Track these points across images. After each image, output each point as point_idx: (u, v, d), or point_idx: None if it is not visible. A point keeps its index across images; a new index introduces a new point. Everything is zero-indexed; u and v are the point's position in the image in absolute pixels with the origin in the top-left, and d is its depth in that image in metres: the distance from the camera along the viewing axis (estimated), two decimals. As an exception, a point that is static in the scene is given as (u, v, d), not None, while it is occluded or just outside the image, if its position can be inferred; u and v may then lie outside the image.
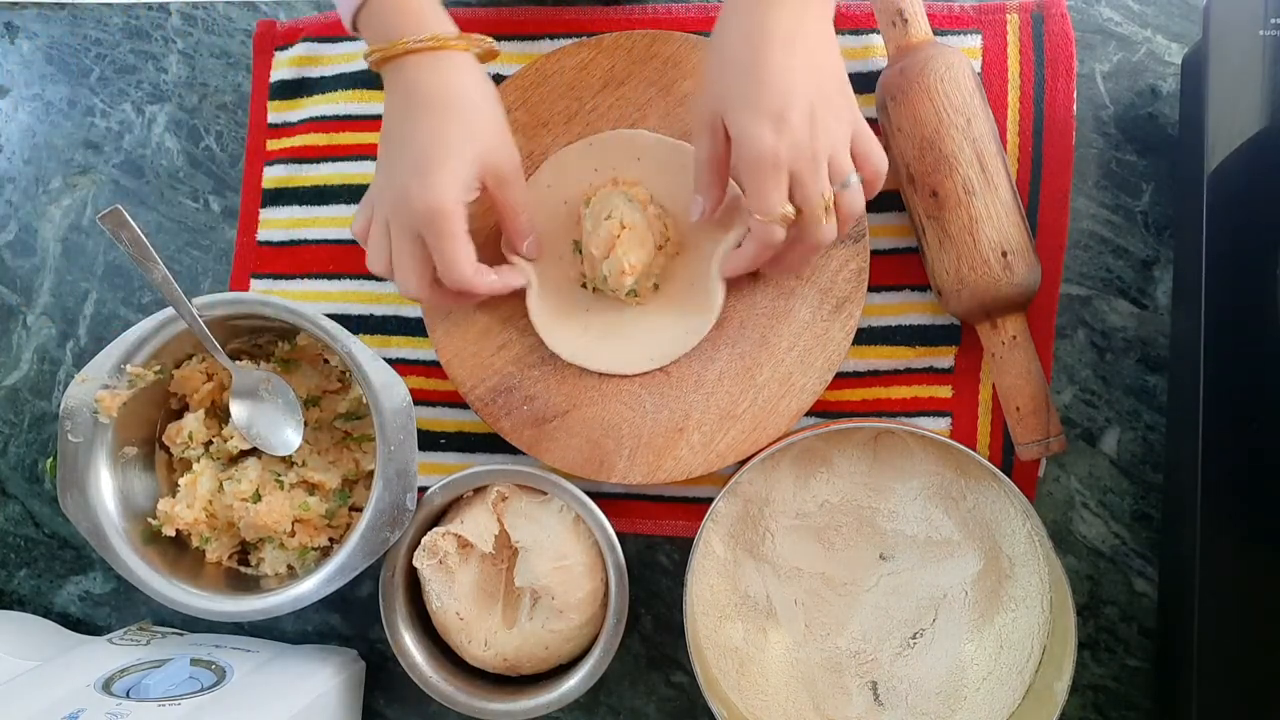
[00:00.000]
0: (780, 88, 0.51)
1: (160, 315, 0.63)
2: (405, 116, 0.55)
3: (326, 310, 0.68)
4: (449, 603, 0.62)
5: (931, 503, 0.62)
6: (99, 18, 0.77)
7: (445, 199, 0.54)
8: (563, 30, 0.70)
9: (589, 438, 0.64)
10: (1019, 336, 0.61)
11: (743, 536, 0.63)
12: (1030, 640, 0.60)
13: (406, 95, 0.56)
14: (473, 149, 0.55)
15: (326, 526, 0.66)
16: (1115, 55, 0.66)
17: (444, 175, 0.54)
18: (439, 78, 0.55)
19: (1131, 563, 0.63)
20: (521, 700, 0.61)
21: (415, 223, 0.54)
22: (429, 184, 0.53)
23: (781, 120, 0.51)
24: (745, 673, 0.62)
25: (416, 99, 0.55)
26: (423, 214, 0.54)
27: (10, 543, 0.74)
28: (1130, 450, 0.64)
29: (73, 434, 0.62)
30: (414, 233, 0.55)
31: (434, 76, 0.55)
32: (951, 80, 0.59)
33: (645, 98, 0.65)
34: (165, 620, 0.71)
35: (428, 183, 0.53)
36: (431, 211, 0.54)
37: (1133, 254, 0.65)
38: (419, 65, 0.55)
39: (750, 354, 0.63)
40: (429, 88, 0.55)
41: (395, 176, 0.55)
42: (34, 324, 0.75)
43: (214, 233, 0.74)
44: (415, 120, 0.55)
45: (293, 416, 0.65)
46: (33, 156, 0.77)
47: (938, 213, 0.60)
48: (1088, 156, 0.65)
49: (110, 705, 0.55)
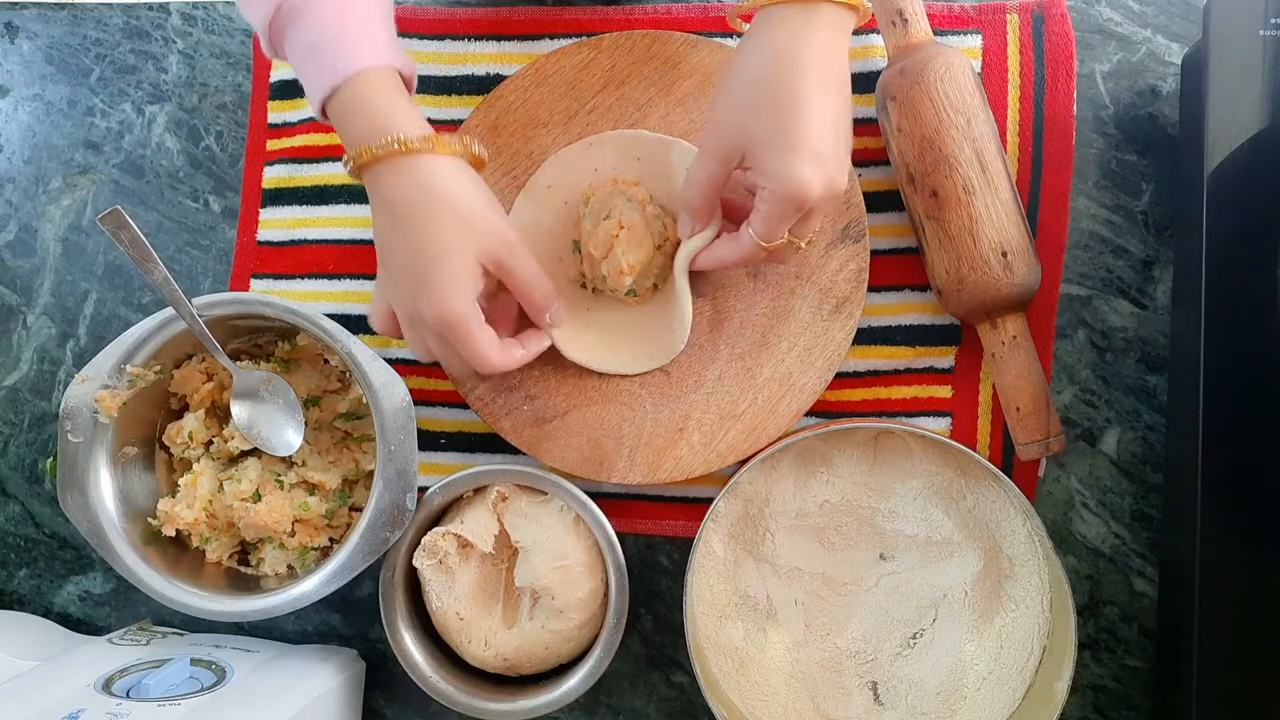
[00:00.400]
0: (818, 126, 0.50)
1: (160, 315, 0.63)
2: (392, 226, 0.54)
3: (326, 310, 0.68)
4: (449, 603, 0.62)
5: (931, 503, 0.62)
6: (99, 18, 0.77)
7: (451, 307, 0.53)
8: (563, 30, 0.70)
9: (589, 438, 0.64)
10: (1019, 336, 0.61)
11: (743, 536, 0.63)
12: (1030, 640, 0.60)
13: (387, 205, 0.54)
14: (468, 247, 0.53)
15: (326, 526, 0.66)
16: (1115, 55, 0.66)
17: (445, 283, 0.53)
18: (414, 182, 0.53)
19: (1131, 563, 0.63)
20: (521, 700, 0.61)
21: (433, 329, 0.54)
22: (434, 295, 0.53)
23: (819, 160, 0.50)
24: (745, 673, 0.62)
25: (398, 208, 0.53)
26: (436, 324, 0.54)
27: (10, 543, 0.74)
28: (1130, 450, 0.64)
29: (73, 434, 0.62)
30: (436, 335, 0.55)
31: (410, 181, 0.53)
32: (951, 80, 0.59)
33: (645, 98, 0.65)
34: (165, 620, 0.71)
35: (432, 293, 0.53)
36: (443, 321, 0.53)
37: (1133, 254, 0.65)
38: (392, 171, 0.53)
39: (750, 354, 0.63)
40: (405, 195, 0.53)
41: (401, 285, 0.54)
42: (34, 324, 0.75)
43: (214, 233, 0.74)
44: (402, 229, 0.53)
45: (293, 417, 0.65)
46: (33, 156, 0.77)
47: (938, 213, 0.60)
48: (1088, 156, 0.65)
49: (110, 705, 0.55)
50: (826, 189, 0.51)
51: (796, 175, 0.50)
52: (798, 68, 0.50)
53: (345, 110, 0.53)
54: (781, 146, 0.50)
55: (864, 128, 0.66)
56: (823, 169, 0.50)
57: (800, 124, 0.50)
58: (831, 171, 0.51)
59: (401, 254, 0.54)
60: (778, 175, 0.51)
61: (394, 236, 0.54)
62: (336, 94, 0.53)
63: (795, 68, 0.50)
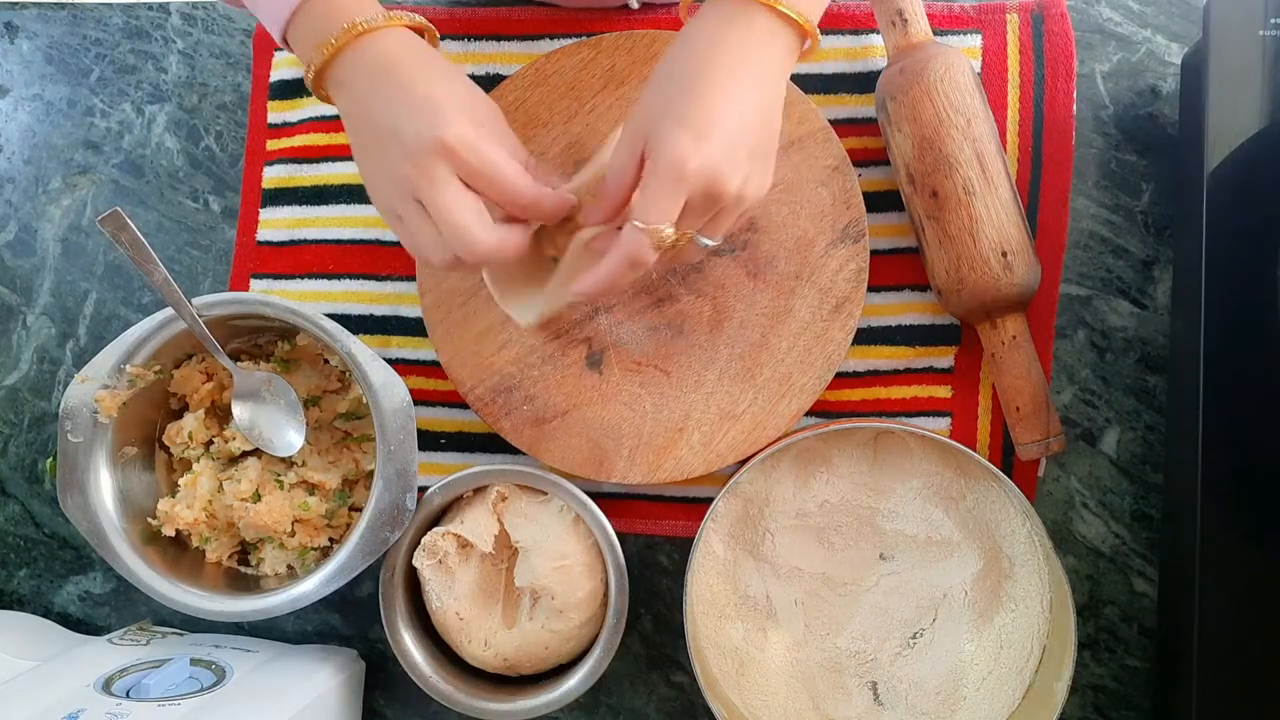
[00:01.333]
0: (711, 107, 0.47)
1: (160, 315, 0.63)
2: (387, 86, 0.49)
3: (326, 310, 0.68)
4: (449, 603, 0.62)
5: (931, 503, 0.62)
6: (99, 18, 0.77)
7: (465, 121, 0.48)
8: (563, 30, 0.70)
9: (589, 438, 0.64)
10: (1019, 336, 0.61)
11: (743, 536, 0.63)
12: (1030, 640, 0.60)
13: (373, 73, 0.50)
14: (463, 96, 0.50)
15: (326, 526, 0.66)
16: (1115, 55, 0.66)
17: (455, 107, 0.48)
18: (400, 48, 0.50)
19: (1131, 563, 0.64)
20: (521, 700, 0.61)
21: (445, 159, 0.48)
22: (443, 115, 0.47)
23: (702, 138, 0.47)
24: (745, 673, 0.62)
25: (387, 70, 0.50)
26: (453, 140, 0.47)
27: (10, 543, 0.74)
28: (1130, 450, 0.64)
29: (73, 434, 0.62)
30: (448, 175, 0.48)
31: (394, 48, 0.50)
32: (951, 80, 0.59)
33: (645, 98, 0.65)
34: (165, 620, 0.71)
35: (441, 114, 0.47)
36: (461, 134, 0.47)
37: (1133, 254, 0.65)
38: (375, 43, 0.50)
39: (750, 354, 0.63)
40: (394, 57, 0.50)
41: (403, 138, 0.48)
42: (34, 324, 0.75)
43: (214, 233, 0.74)
44: (394, 85, 0.49)
45: (295, 417, 0.65)
46: (33, 156, 0.77)
47: (938, 213, 0.60)
48: (1088, 156, 0.65)
49: (110, 705, 0.55)
50: (704, 170, 0.47)
51: (673, 147, 0.47)
52: (712, 52, 0.48)
53: (310, 18, 0.51)
54: (668, 120, 0.48)
55: (864, 128, 0.66)
56: (705, 147, 0.47)
57: (692, 100, 0.48)
58: (716, 154, 0.47)
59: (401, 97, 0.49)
60: (656, 147, 0.48)
61: (393, 89, 0.49)
62: (302, 8, 0.51)
63: (710, 52, 0.48)
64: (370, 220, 0.71)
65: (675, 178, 0.47)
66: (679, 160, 0.47)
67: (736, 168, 0.48)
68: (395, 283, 0.70)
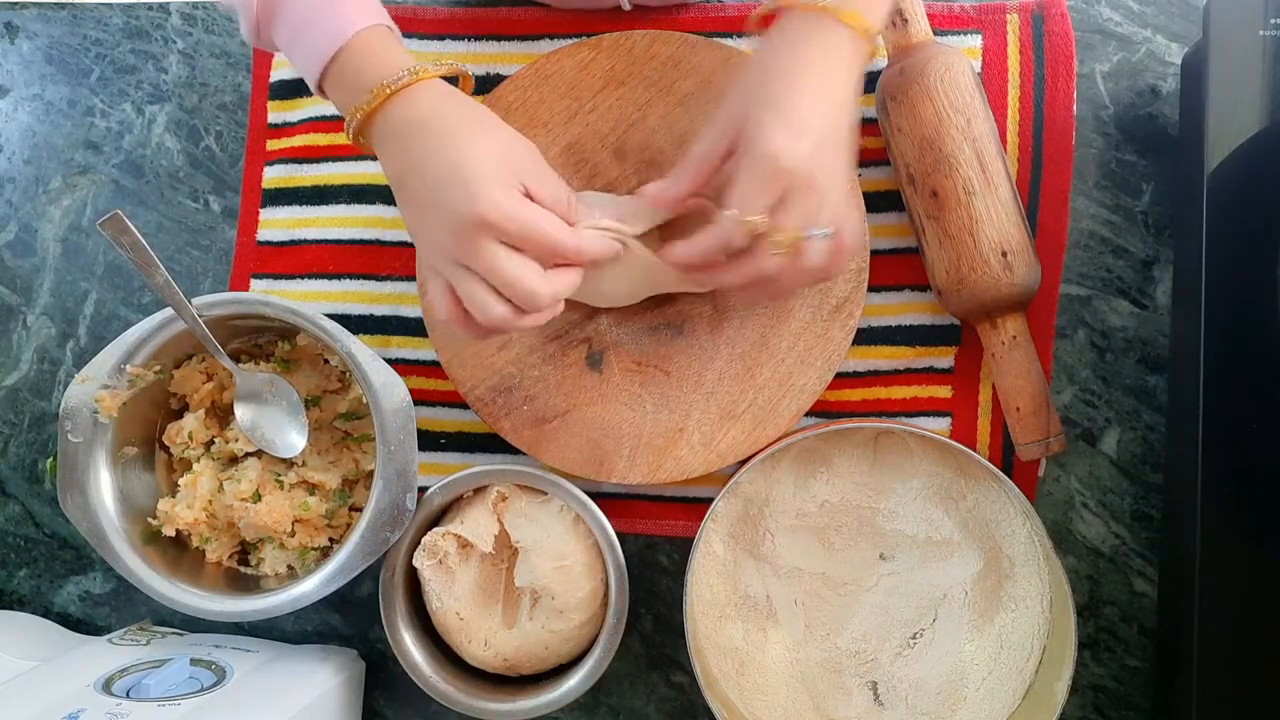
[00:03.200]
0: (806, 113, 0.50)
1: (160, 315, 0.63)
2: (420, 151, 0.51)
3: (326, 310, 0.68)
4: (449, 603, 0.62)
5: (931, 503, 0.62)
6: (99, 18, 0.77)
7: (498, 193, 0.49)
8: (563, 30, 0.70)
9: (589, 438, 0.64)
10: (1019, 336, 0.61)
11: (743, 536, 0.63)
12: (1030, 640, 0.60)
13: (405, 136, 0.51)
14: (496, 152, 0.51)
15: (326, 526, 0.66)
16: (1115, 55, 0.66)
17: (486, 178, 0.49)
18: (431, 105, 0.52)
19: (1131, 563, 0.63)
20: (521, 700, 0.61)
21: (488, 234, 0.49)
22: (477, 191, 0.49)
23: (798, 132, 0.50)
24: (745, 673, 0.62)
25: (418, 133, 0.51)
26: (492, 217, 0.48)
27: (10, 543, 0.74)
28: (1130, 450, 0.64)
29: (73, 434, 0.62)
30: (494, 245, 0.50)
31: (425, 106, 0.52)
32: (951, 80, 0.59)
33: (645, 98, 0.65)
34: (165, 620, 0.71)
35: (474, 191, 0.49)
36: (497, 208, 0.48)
37: (1133, 254, 0.65)
38: (407, 102, 0.51)
39: (750, 354, 0.63)
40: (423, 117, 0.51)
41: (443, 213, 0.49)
42: (34, 324, 0.75)
43: (214, 233, 0.74)
44: (426, 150, 0.50)
45: (297, 418, 0.65)
46: (33, 156, 0.77)
47: (938, 213, 0.60)
48: (1088, 156, 0.65)
49: (110, 705, 0.55)
50: (798, 162, 0.49)
51: (770, 137, 0.50)
52: (804, 71, 0.51)
53: (345, 72, 0.52)
54: (764, 112, 0.50)
55: (864, 128, 0.66)
56: (799, 142, 0.50)
57: (787, 94, 0.50)
58: (809, 149, 0.50)
59: (433, 169, 0.50)
60: (753, 138, 0.50)
61: (423, 158, 0.50)
62: (336, 60, 0.52)
63: (803, 71, 0.51)
64: (370, 220, 0.71)
65: (771, 171, 0.50)
66: (774, 152, 0.49)
67: (823, 162, 0.51)
68: (395, 283, 0.70)
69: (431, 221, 0.51)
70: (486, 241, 0.49)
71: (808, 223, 0.51)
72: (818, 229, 0.52)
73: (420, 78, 0.52)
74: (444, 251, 0.51)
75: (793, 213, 0.51)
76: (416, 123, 0.51)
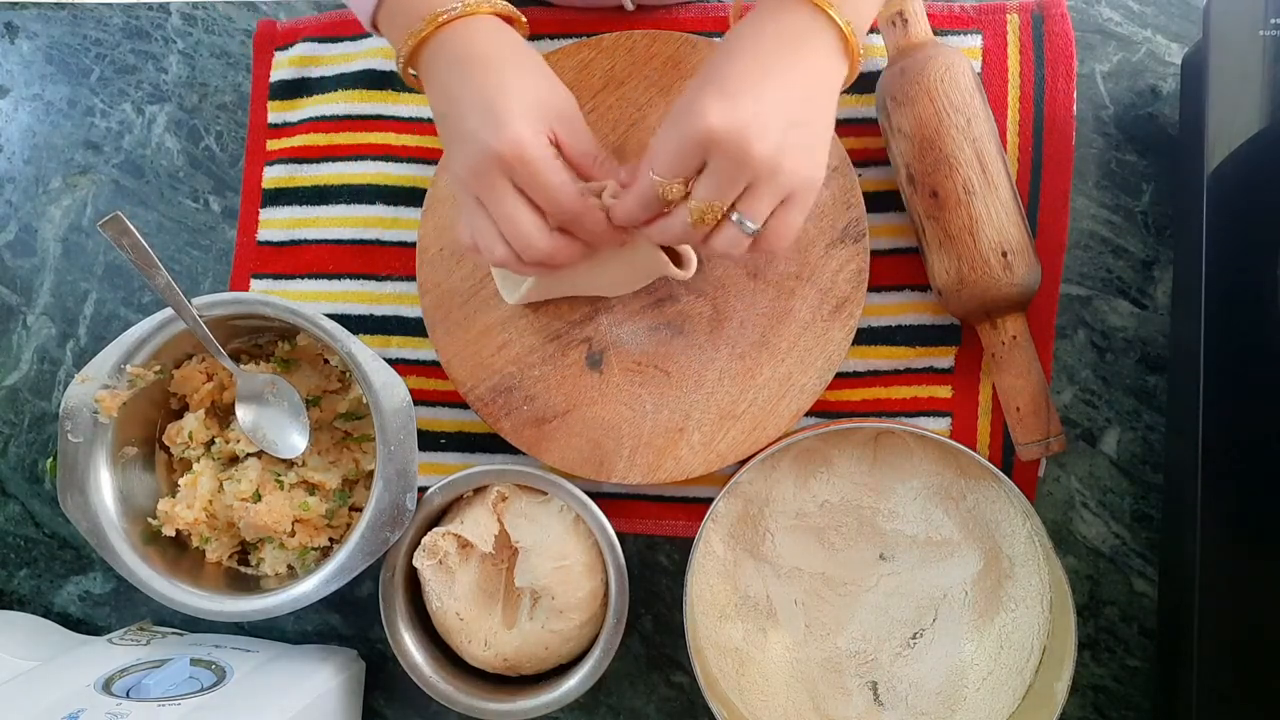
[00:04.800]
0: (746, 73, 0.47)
1: (160, 315, 0.63)
2: (461, 81, 0.51)
3: (326, 310, 0.68)
4: (449, 603, 0.62)
5: (931, 503, 0.62)
6: (99, 18, 0.77)
7: (525, 132, 0.49)
8: (563, 30, 0.70)
9: (589, 438, 0.64)
10: (1019, 336, 0.61)
11: (743, 536, 0.63)
12: (1030, 640, 0.60)
13: (450, 64, 0.52)
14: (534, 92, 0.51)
15: (326, 526, 0.66)
16: (1115, 55, 0.66)
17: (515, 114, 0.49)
18: (480, 37, 0.52)
19: (1131, 563, 0.64)
20: (521, 700, 0.61)
21: (502, 171, 0.50)
22: (504, 125, 0.49)
23: (729, 99, 0.46)
24: (745, 673, 0.62)
25: (463, 63, 0.52)
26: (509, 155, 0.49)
27: (10, 543, 0.74)
28: (1130, 450, 0.64)
29: (73, 434, 0.62)
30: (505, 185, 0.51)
31: (475, 37, 0.52)
32: (951, 80, 0.59)
33: (645, 98, 0.65)
34: (165, 620, 0.71)
35: (502, 123, 0.49)
36: (516, 146, 0.49)
37: (1133, 254, 0.65)
38: (457, 33, 0.52)
39: (750, 354, 0.63)
40: (471, 48, 0.52)
41: (467, 143, 0.50)
42: (34, 324, 0.75)
43: (214, 233, 0.74)
44: (467, 80, 0.51)
45: (298, 419, 0.65)
46: (33, 156, 0.77)
47: (938, 213, 0.60)
48: (1088, 156, 0.65)
49: (110, 705, 0.55)
50: (726, 126, 0.46)
51: (694, 102, 0.47)
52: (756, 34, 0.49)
53: (394, 9, 0.53)
54: (700, 80, 0.49)
55: (864, 128, 0.66)
56: (730, 107, 0.46)
57: (725, 64, 0.48)
58: (742, 113, 0.46)
59: (468, 104, 0.51)
60: (679, 103, 0.49)
61: (462, 90, 0.51)
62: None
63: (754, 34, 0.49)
64: (370, 220, 0.71)
65: (691, 130, 0.47)
66: (699, 112, 0.47)
67: (766, 131, 0.47)
68: (395, 283, 0.70)
69: (457, 151, 0.52)
70: (499, 178, 0.50)
71: (722, 196, 0.48)
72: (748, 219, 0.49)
73: (473, 11, 0.52)
74: (462, 183, 0.52)
75: (705, 183, 0.48)
76: (463, 55, 0.52)
